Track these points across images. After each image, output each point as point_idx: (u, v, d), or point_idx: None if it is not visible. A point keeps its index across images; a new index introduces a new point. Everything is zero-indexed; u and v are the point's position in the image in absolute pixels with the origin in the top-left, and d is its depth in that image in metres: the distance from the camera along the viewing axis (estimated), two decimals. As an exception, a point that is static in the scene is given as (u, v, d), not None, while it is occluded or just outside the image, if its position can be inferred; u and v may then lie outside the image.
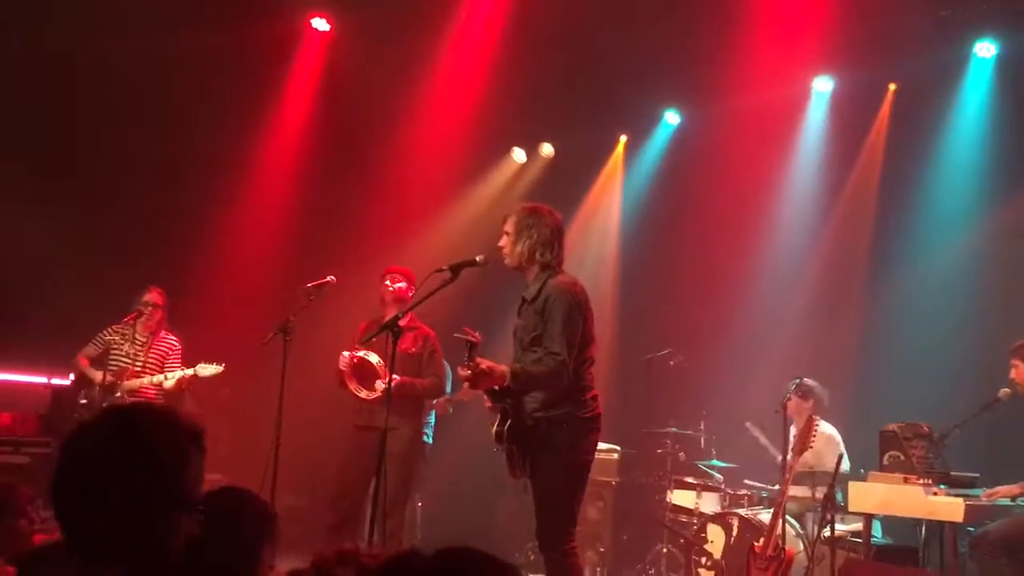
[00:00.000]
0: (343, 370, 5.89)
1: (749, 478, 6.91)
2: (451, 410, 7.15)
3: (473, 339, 4.14)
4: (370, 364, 5.80)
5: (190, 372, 6.26)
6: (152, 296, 6.52)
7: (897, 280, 7.39)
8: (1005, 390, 5.50)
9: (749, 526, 6.21)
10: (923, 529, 5.41)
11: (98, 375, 6.34)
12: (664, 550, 6.88)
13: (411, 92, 8.41)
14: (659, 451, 7.24)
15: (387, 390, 4.81)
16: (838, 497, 5.67)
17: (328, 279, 5.82)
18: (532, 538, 4.47)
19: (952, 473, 5.25)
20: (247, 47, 7.83)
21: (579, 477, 4.32)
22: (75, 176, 7.81)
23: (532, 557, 4.31)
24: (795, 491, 6.09)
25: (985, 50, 7.30)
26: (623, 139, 9.30)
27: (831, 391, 6.69)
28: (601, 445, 5.40)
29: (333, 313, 6.66)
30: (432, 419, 6.83)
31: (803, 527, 6.29)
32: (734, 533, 6.32)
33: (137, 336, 6.47)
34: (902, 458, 5.31)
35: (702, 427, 7.23)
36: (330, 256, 7.43)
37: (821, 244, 7.93)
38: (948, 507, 5.00)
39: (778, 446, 6.71)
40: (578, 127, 8.82)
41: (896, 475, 5.25)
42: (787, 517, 5.90)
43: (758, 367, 7.41)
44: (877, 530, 5.99)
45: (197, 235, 8.04)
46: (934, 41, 7.19)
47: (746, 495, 6.76)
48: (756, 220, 8.09)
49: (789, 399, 6.23)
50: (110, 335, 6.53)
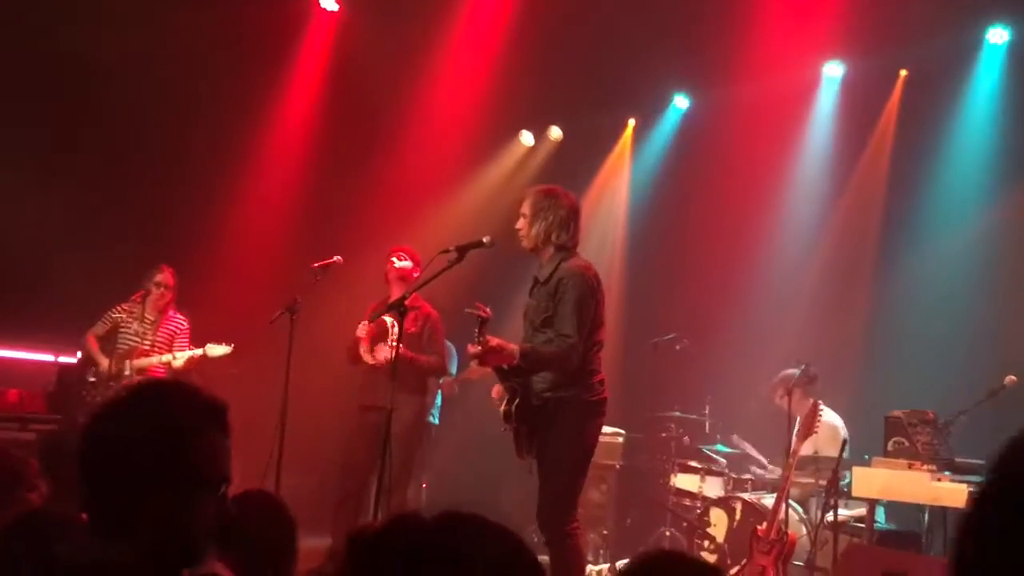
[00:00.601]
0: (360, 337, 5.88)
1: (752, 464, 6.94)
2: (457, 390, 7.17)
3: (484, 314, 4.14)
4: (385, 325, 5.80)
5: (199, 352, 6.28)
6: (163, 276, 6.52)
7: (905, 266, 7.37)
8: (1011, 377, 5.48)
9: (752, 510, 6.22)
10: (927, 515, 5.42)
11: (104, 360, 6.35)
12: (667, 533, 6.90)
13: (419, 74, 8.39)
14: (663, 435, 7.25)
15: (394, 363, 4.82)
16: (842, 482, 5.69)
17: (335, 259, 5.83)
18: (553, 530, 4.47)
19: (957, 460, 5.25)
20: (255, 27, 7.80)
21: (582, 459, 4.36)
22: (81, 153, 7.80)
23: (536, 539, 4.31)
24: (799, 476, 6.10)
25: (997, 36, 7.26)
26: (632, 123, 9.26)
27: (837, 376, 6.69)
28: (606, 428, 5.41)
29: (340, 293, 6.67)
30: (439, 400, 6.85)
31: (806, 512, 6.30)
32: (737, 517, 6.33)
33: (146, 315, 6.49)
34: (907, 444, 5.31)
35: (707, 411, 7.24)
36: (337, 236, 7.43)
37: (829, 230, 7.91)
38: (952, 493, 5.00)
39: (766, 454, 6.83)
40: (586, 111, 8.79)
41: (901, 461, 5.26)
42: (790, 501, 5.91)
43: (764, 352, 7.40)
44: (881, 516, 6.00)
45: (204, 214, 8.03)
46: (946, 27, 7.14)
47: (749, 479, 6.78)
48: (764, 205, 8.06)
49: (794, 387, 6.22)
50: (118, 313, 6.54)
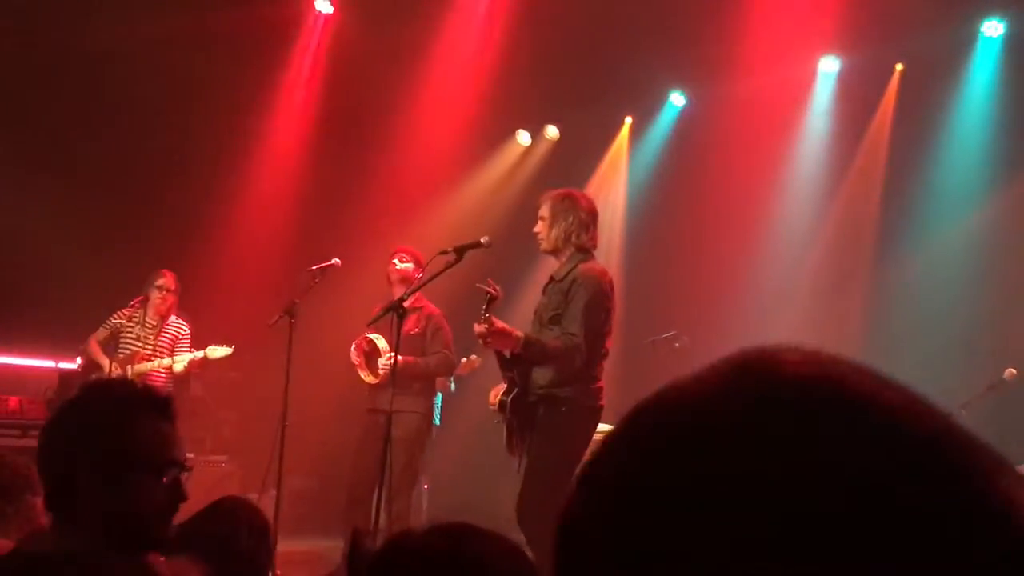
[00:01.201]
0: (354, 363, 5.90)
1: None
2: (452, 388, 7.15)
3: (493, 292, 4.07)
4: (377, 348, 5.80)
5: (200, 355, 6.28)
6: (165, 280, 6.49)
7: (903, 260, 7.37)
8: (1010, 370, 5.49)
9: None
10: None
11: (106, 361, 6.36)
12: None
13: (415, 75, 8.37)
14: (664, 433, 7.24)
15: (392, 369, 4.82)
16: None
17: (333, 261, 5.81)
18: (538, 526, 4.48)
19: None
20: (249, 28, 7.78)
21: (568, 462, 4.23)
22: (77, 158, 7.80)
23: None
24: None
25: (992, 29, 7.26)
26: (628, 121, 9.25)
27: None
28: (602, 426, 5.39)
29: (338, 295, 6.66)
30: (439, 400, 6.82)
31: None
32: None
33: (147, 320, 6.48)
34: (907, 439, 5.31)
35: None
36: (334, 238, 7.42)
37: (827, 225, 7.91)
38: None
39: None
40: (583, 109, 8.78)
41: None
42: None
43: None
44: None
45: (202, 218, 8.03)
46: (941, 20, 7.14)
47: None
48: (762, 201, 8.06)
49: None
50: (119, 319, 6.53)
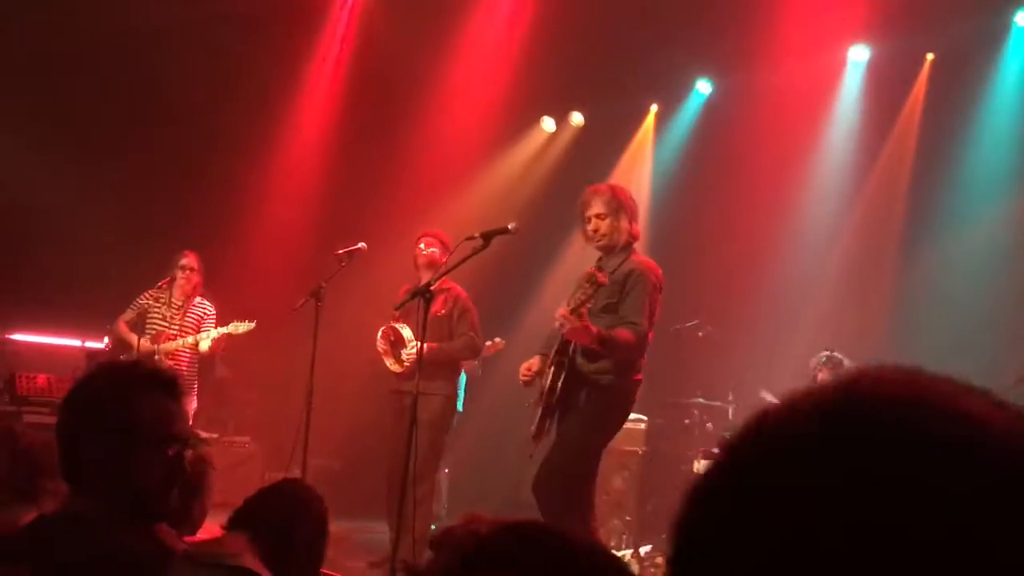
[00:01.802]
0: (380, 350, 5.93)
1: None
2: (479, 371, 7.21)
3: (602, 280, 4.18)
4: (403, 338, 5.83)
5: (225, 330, 6.35)
6: (188, 260, 6.58)
7: (930, 253, 7.31)
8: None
9: (776, 497, 6.20)
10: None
11: (135, 340, 6.44)
12: (690, 519, 6.90)
13: (442, 60, 8.38)
14: (686, 422, 7.25)
15: (418, 354, 4.87)
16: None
17: (359, 245, 5.85)
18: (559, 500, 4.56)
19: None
20: (279, 11, 7.82)
21: (598, 444, 4.54)
22: (106, 140, 7.88)
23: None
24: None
25: (1026, 19, 7.18)
26: (654, 108, 9.20)
27: (860, 363, 6.64)
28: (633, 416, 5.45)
29: (364, 279, 6.69)
30: (463, 383, 6.79)
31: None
32: (760, 504, 6.31)
33: (173, 300, 6.56)
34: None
35: (730, 398, 7.22)
36: (361, 223, 7.46)
37: (854, 216, 7.85)
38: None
39: None
40: (608, 96, 8.76)
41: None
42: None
43: (788, 339, 7.38)
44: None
45: (229, 200, 8.08)
46: (973, 10, 7.06)
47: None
48: (788, 191, 8.01)
49: (819, 371, 6.21)
50: (145, 299, 6.61)
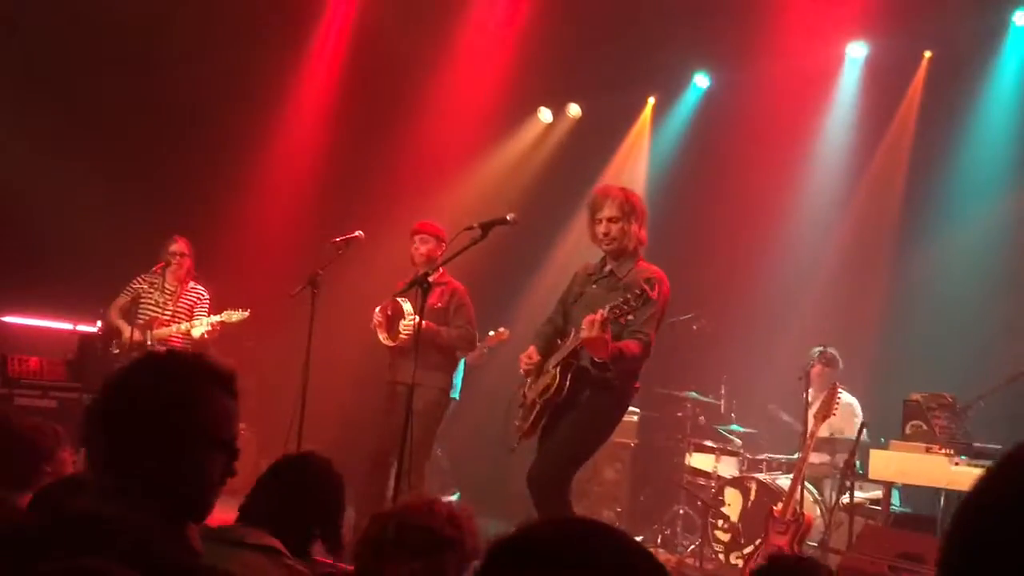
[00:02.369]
0: (376, 323, 5.93)
1: (769, 449, 6.94)
2: (486, 357, 7.41)
3: (653, 296, 4.24)
4: (401, 309, 5.83)
5: (218, 319, 6.36)
6: (178, 246, 6.58)
7: (925, 249, 7.33)
8: (1032, 363, 5.48)
9: (767, 490, 6.24)
10: (943, 499, 5.43)
11: (127, 327, 6.44)
12: (681, 511, 6.94)
13: (439, 51, 8.36)
14: (679, 414, 7.28)
15: (415, 332, 4.89)
16: (858, 465, 5.71)
17: (356, 234, 5.84)
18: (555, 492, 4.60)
19: (974, 444, 5.26)
20: (276, 2, 7.79)
21: (595, 443, 4.60)
22: (100, 121, 7.83)
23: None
24: (814, 458, 6.11)
25: (1023, 18, 7.19)
26: (651, 101, 9.19)
27: (855, 359, 6.68)
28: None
29: (360, 268, 6.69)
30: (459, 377, 6.81)
31: (820, 493, 6.33)
32: (752, 497, 6.35)
33: (166, 285, 6.56)
34: (925, 428, 5.32)
35: (723, 392, 7.25)
36: (357, 211, 7.45)
37: (849, 212, 7.87)
38: (969, 478, 4.95)
39: (800, 417, 6.75)
40: (606, 88, 8.74)
41: (918, 444, 5.27)
42: (805, 483, 5.92)
43: (782, 333, 7.40)
44: (896, 499, 6.02)
45: (225, 188, 8.06)
46: (972, 9, 7.07)
47: (764, 460, 6.79)
48: (784, 186, 8.02)
49: (813, 367, 6.23)
50: (139, 284, 6.61)
